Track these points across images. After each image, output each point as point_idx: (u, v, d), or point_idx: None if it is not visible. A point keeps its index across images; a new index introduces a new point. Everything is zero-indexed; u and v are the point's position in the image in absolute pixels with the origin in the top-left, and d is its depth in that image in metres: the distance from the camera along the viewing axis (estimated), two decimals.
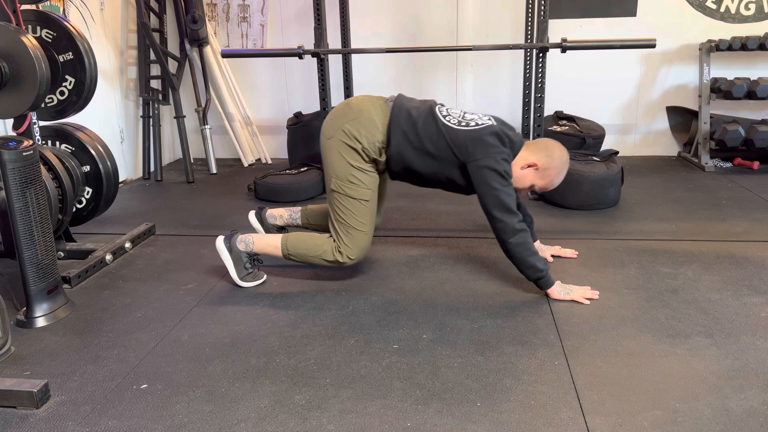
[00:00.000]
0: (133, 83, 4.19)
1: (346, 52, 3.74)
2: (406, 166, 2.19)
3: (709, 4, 4.08)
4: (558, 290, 2.12)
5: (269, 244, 2.28)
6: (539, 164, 2.13)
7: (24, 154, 1.96)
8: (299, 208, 2.57)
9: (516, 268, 2.13)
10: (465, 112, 2.22)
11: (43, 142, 2.64)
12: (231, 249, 2.28)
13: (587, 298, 2.10)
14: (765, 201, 3.21)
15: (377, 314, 2.06)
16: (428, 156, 2.15)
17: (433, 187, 2.29)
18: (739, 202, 3.20)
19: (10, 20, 2.31)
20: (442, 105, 2.24)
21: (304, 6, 4.33)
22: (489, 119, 2.18)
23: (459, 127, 2.12)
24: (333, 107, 2.29)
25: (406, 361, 1.76)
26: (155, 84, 4.21)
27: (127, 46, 4.09)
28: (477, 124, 2.13)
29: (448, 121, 2.14)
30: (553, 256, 2.50)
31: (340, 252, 2.18)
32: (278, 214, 2.58)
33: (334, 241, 2.20)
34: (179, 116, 4.10)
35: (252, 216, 2.60)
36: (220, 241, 2.30)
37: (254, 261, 2.33)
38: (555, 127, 3.92)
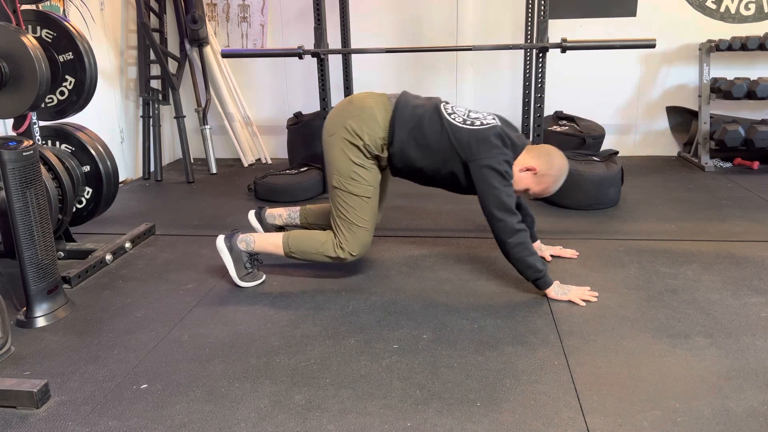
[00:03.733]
0: (133, 83, 4.19)
1: (346, 52, 3.74)
2: (409, 163, 2.19)
3: (709, 4, 4.08)
4: (555, 290, 2.12)
5: (270, 242, 2.28)
6: (538, 169, 2.13)
7: (24, 154, 1.96)
8: (298, 207, 2.58)
9: (515, 268, 2.13)
10: (470, 111, 2.22)
11: (43, 142, 2.64)
12: (231, 248, 2.29)
13: (584, 300, 2.10)
14: (765, 201, 3.21)
15: (377, 314, 2.06)
16: (431, 154, 2.15)
17: (433, 185, 2.29)
18: (739, 202, 3.20)
19: (10, 20, 2.31)
20: (447, 102, 2.25)
21: (304, 6, 4.33)
22: (493, 119, 2.18)
23: (463, 126, 2.13)
24: (334, 105, 2.29)
25: (406, 361, 1.76)
26: (155, 84, 4.21)
27: (127, 46, 4.09)
28: (482, 124, 2.14)
29: (453, 119, 2.15)
30: (552, 256, 2.50)
31: (341, 248, 2.18)
32: (277, 214, 2.58)
33: (336, 236, 2.20)
34: (179, 116, 4.10)
35: (252, 215, 2.61)
36: (220, 241, 2.30)
37: (254, 261, 2.33)
38: (555, 127, 3.92)
